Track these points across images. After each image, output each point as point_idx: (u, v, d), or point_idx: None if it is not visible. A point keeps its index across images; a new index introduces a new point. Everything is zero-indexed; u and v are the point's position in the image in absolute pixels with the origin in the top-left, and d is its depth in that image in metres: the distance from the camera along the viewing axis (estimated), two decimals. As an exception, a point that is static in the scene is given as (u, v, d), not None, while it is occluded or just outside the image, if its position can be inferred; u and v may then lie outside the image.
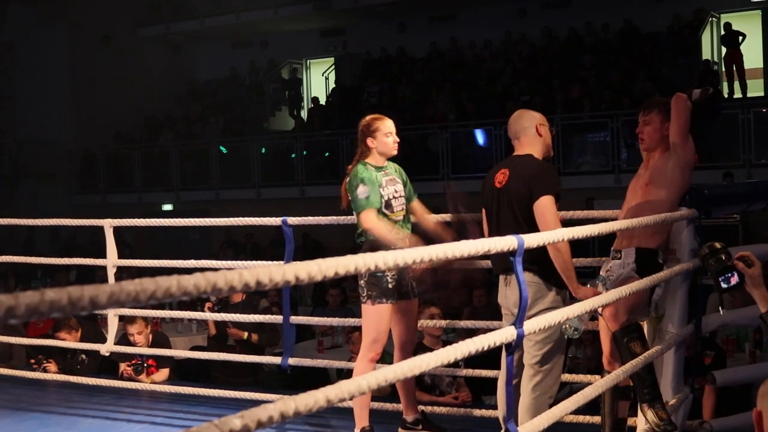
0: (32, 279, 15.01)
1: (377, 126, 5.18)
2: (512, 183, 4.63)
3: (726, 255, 3.80)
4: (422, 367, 2.71)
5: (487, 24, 20.52)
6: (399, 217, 5.18)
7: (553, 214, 4.50)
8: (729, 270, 3.71)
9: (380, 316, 5.08)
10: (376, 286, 5.05)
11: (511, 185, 4.63)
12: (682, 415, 4.90)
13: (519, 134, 4.79)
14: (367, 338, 5.13)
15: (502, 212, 4.65)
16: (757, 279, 3.56)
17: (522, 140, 4.79)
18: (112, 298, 1.56)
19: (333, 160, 18.91)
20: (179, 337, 9.64)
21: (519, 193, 4.57)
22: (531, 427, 3.51)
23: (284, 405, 1.97)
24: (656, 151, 4.93)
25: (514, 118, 4.85)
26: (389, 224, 5.08)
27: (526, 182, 4.55)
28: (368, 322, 5.12)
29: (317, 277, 2.08)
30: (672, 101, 4.87)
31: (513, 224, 4.51)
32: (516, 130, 4.80)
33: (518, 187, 4.58)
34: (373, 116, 5.26)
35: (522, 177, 4.59)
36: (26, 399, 6.93)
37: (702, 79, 16.89)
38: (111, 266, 6.54)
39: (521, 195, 4.56)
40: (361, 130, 5.20)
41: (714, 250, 3.87)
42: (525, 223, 4.50)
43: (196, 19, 22.70)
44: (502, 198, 4.65)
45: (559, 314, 3.66)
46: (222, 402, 6.35)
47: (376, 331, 5.08)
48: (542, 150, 4.79)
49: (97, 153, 21.66)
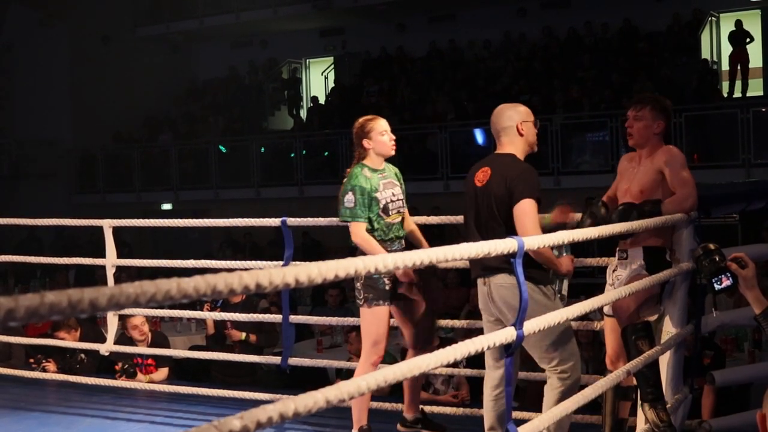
0: (31, 279, 15.01)
1: (371, 126, 5.11)
2: (493, 183, 4.51)
3: (719, 256, 3.80)
4: (422, 368, 2.71)
5: (487, 24, 20.52)
6: (395, 221, 5.12)
7: (532, 218, 4.40)
8: (722, 271, 3.71)
9: (379, 319, 5.03)
10: (373, 289, 4.99)
11: (492, 185, 4.52)
12: (681, 415, 4.91)
13: (500, 133, 4.65)
14: (366, 342, 5.07)
15: (483, 211, 4.55)
16: (750, 280, 3.55)
17: (503, 140, 4.64)
18: (111, 300, 1.56)
19: (332, 160, 18.92)
20: (178, 337, 9.65)
21: (499, 193, 4.47)
22: (531, 427, 3.51)
23: (284, 406, 1.98)
24: (646, 148, 4.90)
25: (496, 116, 4.68)
26: (375, 240, 4.97)
27: (507, 183, 4.44)
28: (367, 325, 5.06)
29: (317, 280, 2.08)
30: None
31: (493, 224, 4.45)
32: (497, 129, 4.66)
33: (499, 188, 4.47)
34: (366, 117, 5.19)
35: (503, 177, 4.48)
36: (25, 398, 6.94)
37: (701, 78, 16.92)
38: (110, 266, 6.56)
39: (501, 196, 4.46)
40: (356, 133, 5.13)
41: (708, 251, 3.88)
42: (504, 224, 4.41)
43: (195, 19, 22.70)
44: (483, 197, 4.55)
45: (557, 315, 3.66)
46: (221, 401, 6.35)
47: (376, 334, 5.02)
48: (524, 149, 4.65)
49: (97, 152, 21.66)
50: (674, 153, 4.84)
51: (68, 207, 20.76)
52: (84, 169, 22.10)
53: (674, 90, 15.94)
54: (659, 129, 4.88)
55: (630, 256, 4.76)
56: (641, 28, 18.91)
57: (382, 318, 5.04)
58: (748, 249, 5.03)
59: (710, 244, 3.92)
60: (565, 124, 16.84)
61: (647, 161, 4.85)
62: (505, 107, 4.72)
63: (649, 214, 4.56)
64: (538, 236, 3.67)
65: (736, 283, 3.62)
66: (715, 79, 17.58)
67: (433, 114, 18.66)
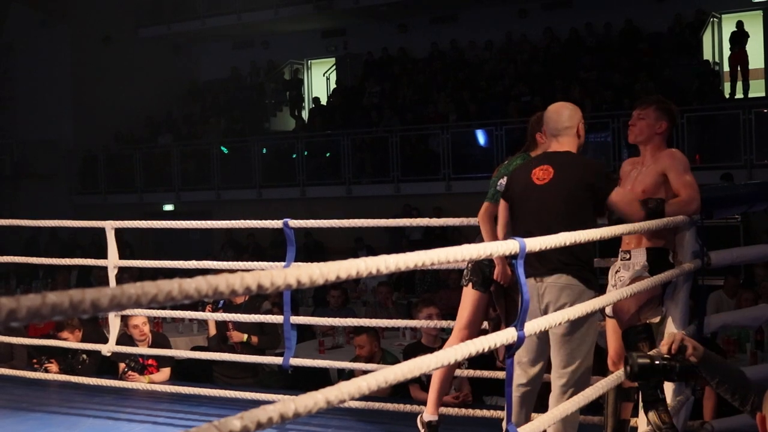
0: (33, 279, 15.01)
1: None
2: (563, 179, 4.46)
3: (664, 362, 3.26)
4: (422, 368, 2.71)
5: (488, 24, 20.54)
6: None
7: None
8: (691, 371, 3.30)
9: (470, 303, 5.05)
10: (480, 273, 5.01)
11: (561, 181, 4.46)
12: (683, 416, 4.90)
13: (560, 132, 4.62)
14: (459, 322, 5.11)
15: (547, 209, 4.44)
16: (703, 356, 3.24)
17: (562, 140, 4.63)
18: (113, 301, 1.56)
19: (334, 161, 18.92)
20: (180, 338, 9.64)
21: (576, 189, 4.44)
22: (531, 428, 3.51)
23: (284, 406, 1.98)
24: (648, 150, 4.90)
25: (555, 114, 4.66)
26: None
27: (589, 179, 4.46)
28: (465, 305, 5.09)
29: (319, 281, 2.08)
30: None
31: (564, 221, 4.21)
32: (556, 128, 4.63)
33: (575, 184, 4.45)
34: (543, 113, 5.02)
35: (578, 174, 4.49)
36: (27, 399, 6.94)
37: (703, 79, 16.92)
38: (112, 267, 6.56)
39: (579, 191, 4.43)
40: (532, 125, 5.10)
41: (644, 367, 3.27)
42: (578, 220, 4.25)
43: (197, 20, 22.74)
44: (547, 194, 4.45)
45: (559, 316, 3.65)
46: (223, 402, 6.35)
47: (466, 318, 5.05)
48: (579, 147, 4.71)
49: (98, 153, 21.69)
50: (677, 156, 4.84)
51: (70, 207, 20.80)
52: (85, 169, 22.13)
53: (676, 91, 15.94)
54: (661, 129, 4.88)
55: (633, 257, 4.75)
56: (643, 29, 18.91)
57: (474, 303, 5.04)
58: (753, 249, 5.05)
59: (639, 359, 3.30)
60: (567, 125, 16.83)
61: (650, 163, 4.85)
62: (563, 106, 4.74)
63: (652, 211, 4.55)
64: (547, 237, 3.54)
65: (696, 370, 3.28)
66: (716, 80, 17.58)
67: (434, 115, 18.67)
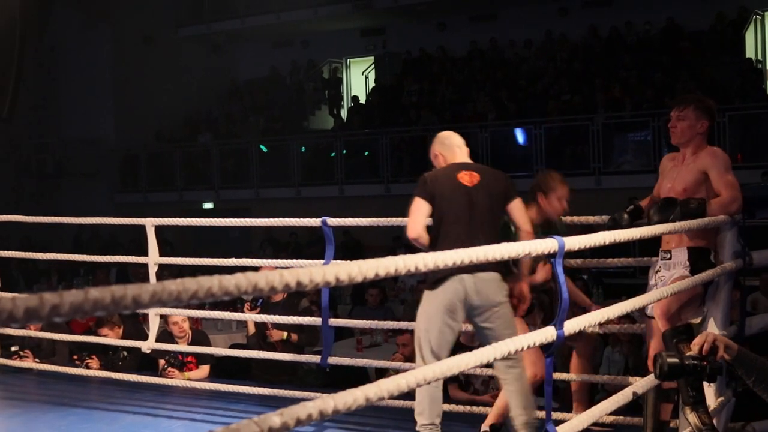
0: (75, 276, 15.17)
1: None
2: (488, 184, 4.85)
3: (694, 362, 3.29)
4: (461, 367, 2.71)
5: (528, 23, 20.44)
6: None
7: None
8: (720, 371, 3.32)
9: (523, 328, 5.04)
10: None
11: (487, 186, 4.85)
12: (724, 418, 4.85)
13: (461, 147, 5.23)
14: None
15: (479, 209, 4.79)
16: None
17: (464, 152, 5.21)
18: (154, 297, 1.57)
19: (372, 159, 18.90)
20: (219, 335, 9.69)
21: (498, 194, 4.83)
22: (571, 427, 3.49)
23: (323, 403, 1.98)
24: (690, 147, 4.86)
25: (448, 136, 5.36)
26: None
27: (507, 186, 4.89)
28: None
29: (357, 278, 2.09)
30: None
31: (492, 220, 4.83)
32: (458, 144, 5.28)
33: (499, 190, 4.86)
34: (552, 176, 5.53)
35: (500, 181, 4.92)
36: (69, 395, 7.02)
37: (745, 77, 16.71)
38: (152, 264, 6.62)
39: (500, 197, 4.84)
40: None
41: (674, 366, 3.32)
42: (499, 220, 4.88)
43: (236, 19, 22.84)
44: (477, 196, 4.81)
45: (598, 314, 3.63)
46: (261, 400, 6.38)
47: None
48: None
49: (139, 152, 21.87)
50: (719, 155, 4.79)
51: (110, 206, 21.01)
52: (126, 168, 22.32)
53: (718, 89, 15.77)
54: (703, 128, 4.84)
55: (674, 257, 4.71)
56: (684, 27, 18.71)
57: (523, 329, 5.01)
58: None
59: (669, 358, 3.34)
60: (607, 124, 16.71)
61: (691, 160, 4.81)
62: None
63: (694, 211, 4.51)
64: (581, 236, 3.58)
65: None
66: (759, 78, 17.35)
67: (473, 114, 18.59)
